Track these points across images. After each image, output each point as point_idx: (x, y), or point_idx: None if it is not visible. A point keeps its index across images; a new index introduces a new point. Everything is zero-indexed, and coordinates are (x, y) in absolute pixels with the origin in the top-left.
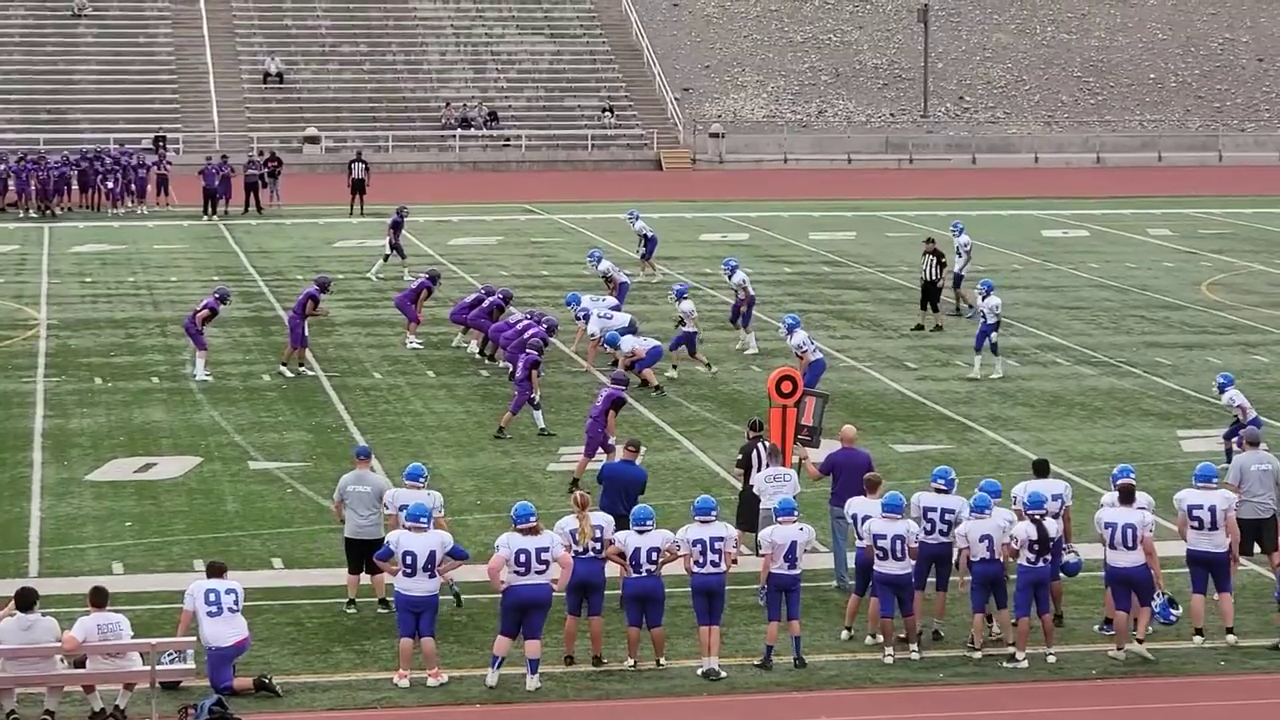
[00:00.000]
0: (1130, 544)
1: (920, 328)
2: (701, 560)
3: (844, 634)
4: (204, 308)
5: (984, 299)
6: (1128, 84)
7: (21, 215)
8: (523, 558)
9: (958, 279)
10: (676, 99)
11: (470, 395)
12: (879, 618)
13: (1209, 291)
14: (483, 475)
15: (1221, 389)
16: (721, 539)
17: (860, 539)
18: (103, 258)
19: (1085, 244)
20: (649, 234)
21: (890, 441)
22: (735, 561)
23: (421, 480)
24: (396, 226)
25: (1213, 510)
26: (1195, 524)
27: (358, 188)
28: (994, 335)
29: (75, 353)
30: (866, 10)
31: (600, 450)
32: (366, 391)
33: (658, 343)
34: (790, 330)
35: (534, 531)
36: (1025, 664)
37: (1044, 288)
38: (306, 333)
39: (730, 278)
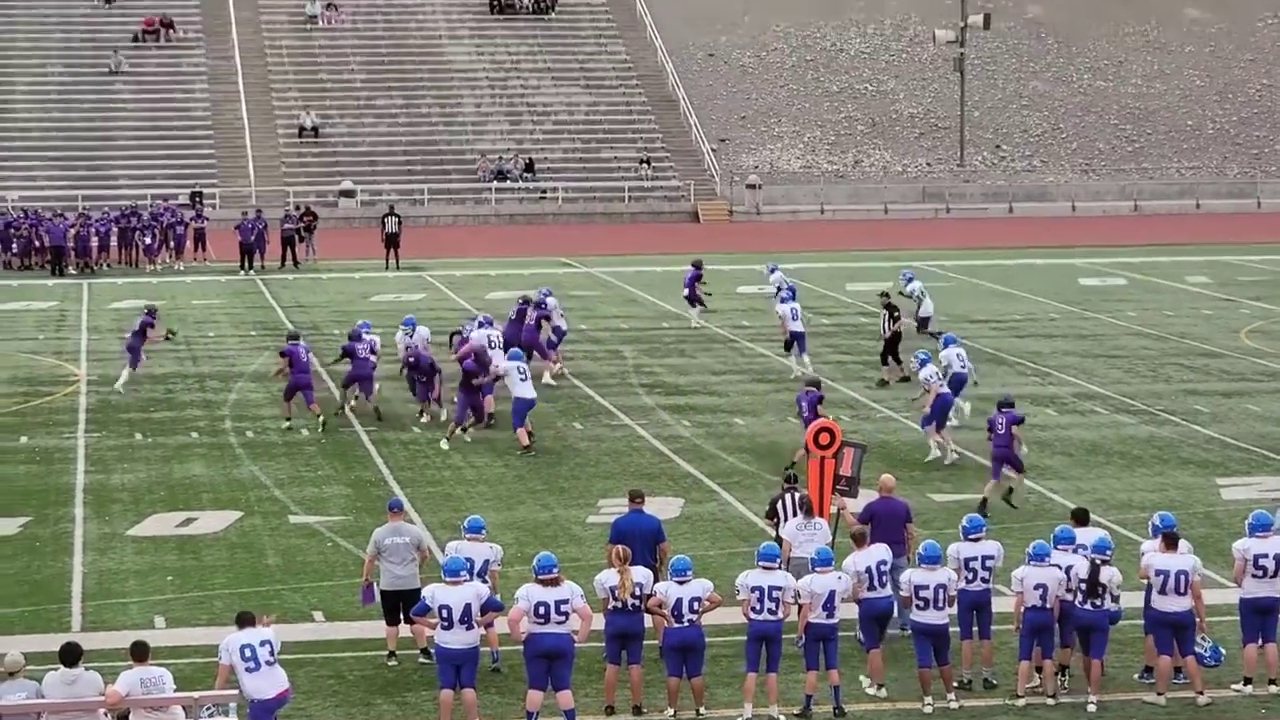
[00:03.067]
0: (1182, 590)
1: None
2: (759, 607)
3: (879, 690)
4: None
5: (943, 350)
6: (1165, 131)
7: (62, 271)
8: (542, 609)
9: (925, 321)
10: (713, 150)
11: (509, 449)
12: (917, 667)
13: (1248, 339)
14: (523, 528)
15: None
16: (781, 588)
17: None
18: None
19: (1123, 292)
20: (788, 285)
21: (928, 491)
22: (791, 611)
23: (482, 533)
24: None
25: (1277, 558)
26: (1259, 572)
27: (391, 241)
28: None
29: (115, 408)
30: (902, 60)
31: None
32: (405, 446)
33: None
34: (922, 364)
35: (554, 583)
36: (1093, 708)
37: (1082, 336)
38: (144, 356)
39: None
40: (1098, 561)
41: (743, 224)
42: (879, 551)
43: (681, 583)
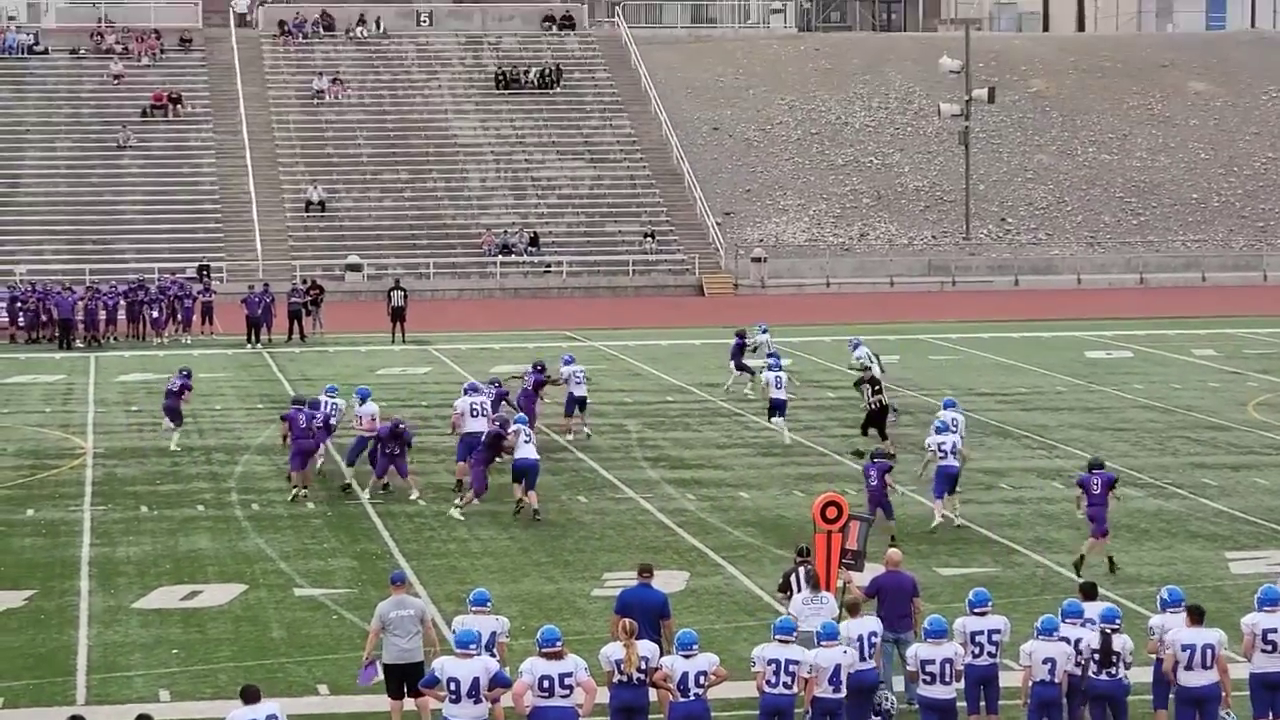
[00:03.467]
0: (1208, 664)
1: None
2: (774, 680)
3: None
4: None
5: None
6: (1170, 204)
7: (70, 344)
8: (546, 683)
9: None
10: (718, 223)
11: (514, 522)
12: None
13: (1255, 412)
14: (527, 601)
15: None
16: (797, 662)
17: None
18: (148, 386)
19: (1129, 365)
20: (773, 351)
21: (934, 565)
22: (807, 685)
23: (488, 606)
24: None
25: None
26: (1269, 647)
27: (397, 315)
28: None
29: (121, 481)
30: (908, 133)
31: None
32: (411, 518)
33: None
34: (938, 431)
35: (559, 656)
36: None
37: (1088, 409)
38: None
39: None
40: (1108, 630)
41: (748, 297)
42: (871, 622)
43: (688, 656)
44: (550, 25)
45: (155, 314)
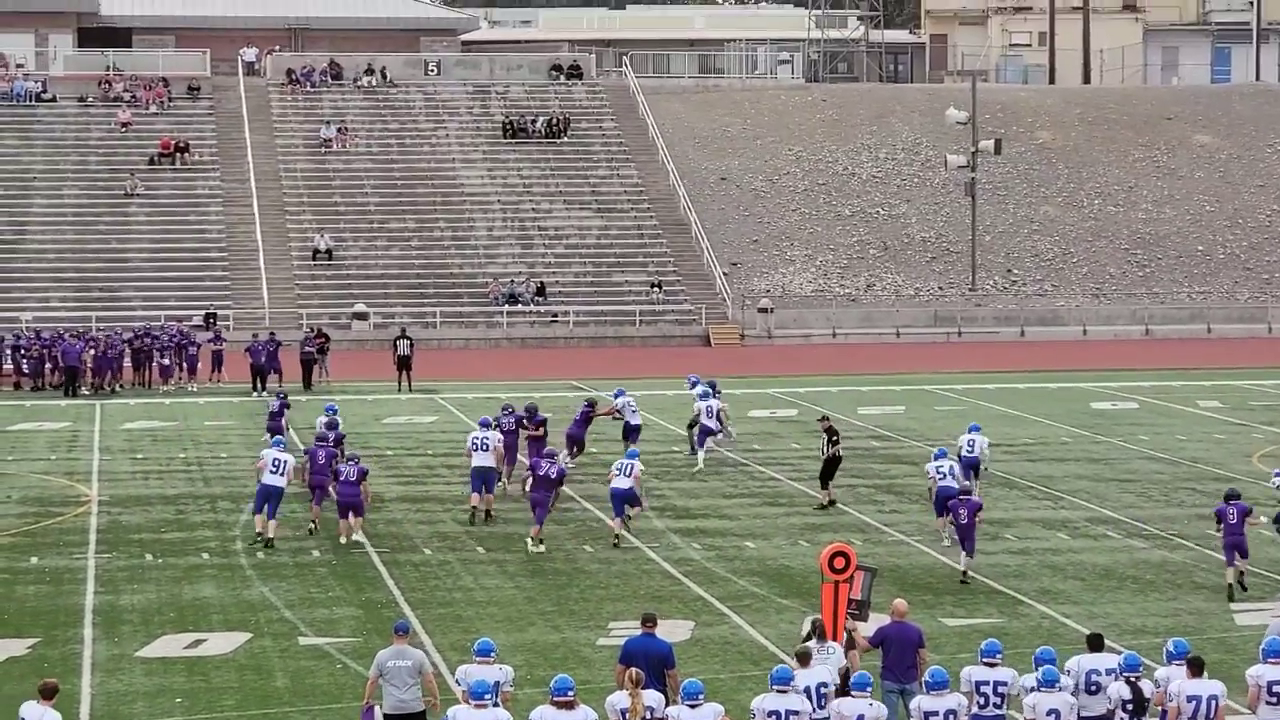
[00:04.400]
0: (1212, 715)
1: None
2: None
3: None
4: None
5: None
6: (1175, 256)
7: (76, 392)
8: None
9: (694, 422)
10: (725, 274)
11: (520, 570)
12: None
13: (1260, 463)
14: (533, 650)
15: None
16: (797, 713)
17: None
18: (153, 434)
19: (1135, 416)
20: (708, 384)
21: (940, 615)
22: None
23: (492, 655)
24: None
25: None
26: (1274, 699)
27: (404, 364)
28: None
29: (126, 529)
30: (914, 184)
31: None
32: (417, 567)
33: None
34: (936, 457)
35: (569, 706)
36: None
37: (1094, 460)
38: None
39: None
40: (1132, 679)
41: (755, 348)
42: (821, 673)
43: (693, 706)
44: (558, 75)
45: (165, 362)
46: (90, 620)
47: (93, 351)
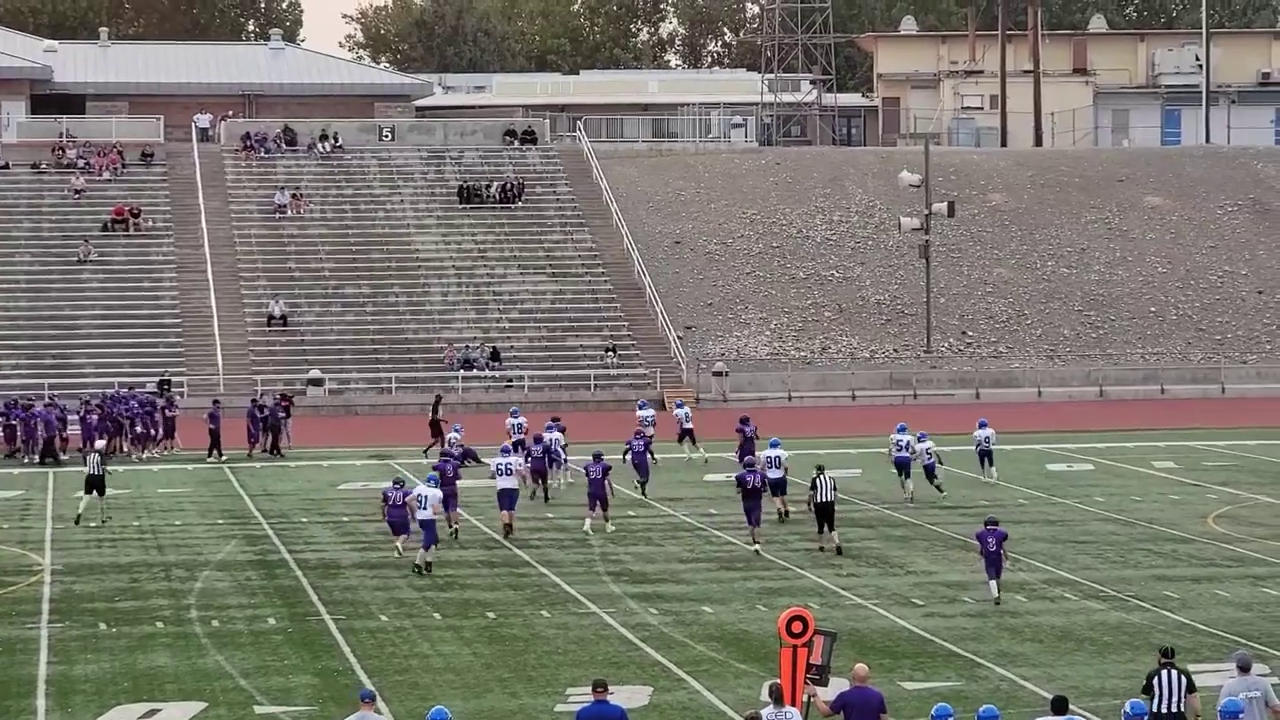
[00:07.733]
0: None
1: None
2: None
3: None
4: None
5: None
6: (1129, 317)
7: (57, 460)
8: None
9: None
10: (679, 337)
11: (477, 637)
12: None
13: (1215, 524)
14: (490, 717)
15: None
16: None
17: None
18: (107, 502)
19: (1090, 477)
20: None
21: (899, 679)
22: None
23: None
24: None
25: None
26: None
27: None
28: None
29: (79, 598)
30: (868, 247)
31: None
32: (373, 634)
33: None
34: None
35: None
36: None
37: (1050, 522)
38: None
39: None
40: None
41: (709, 411)
42: None
43: None
44: (512, 140)
45: (139, 429)
46: (43, 691)
47: (64, 419)
